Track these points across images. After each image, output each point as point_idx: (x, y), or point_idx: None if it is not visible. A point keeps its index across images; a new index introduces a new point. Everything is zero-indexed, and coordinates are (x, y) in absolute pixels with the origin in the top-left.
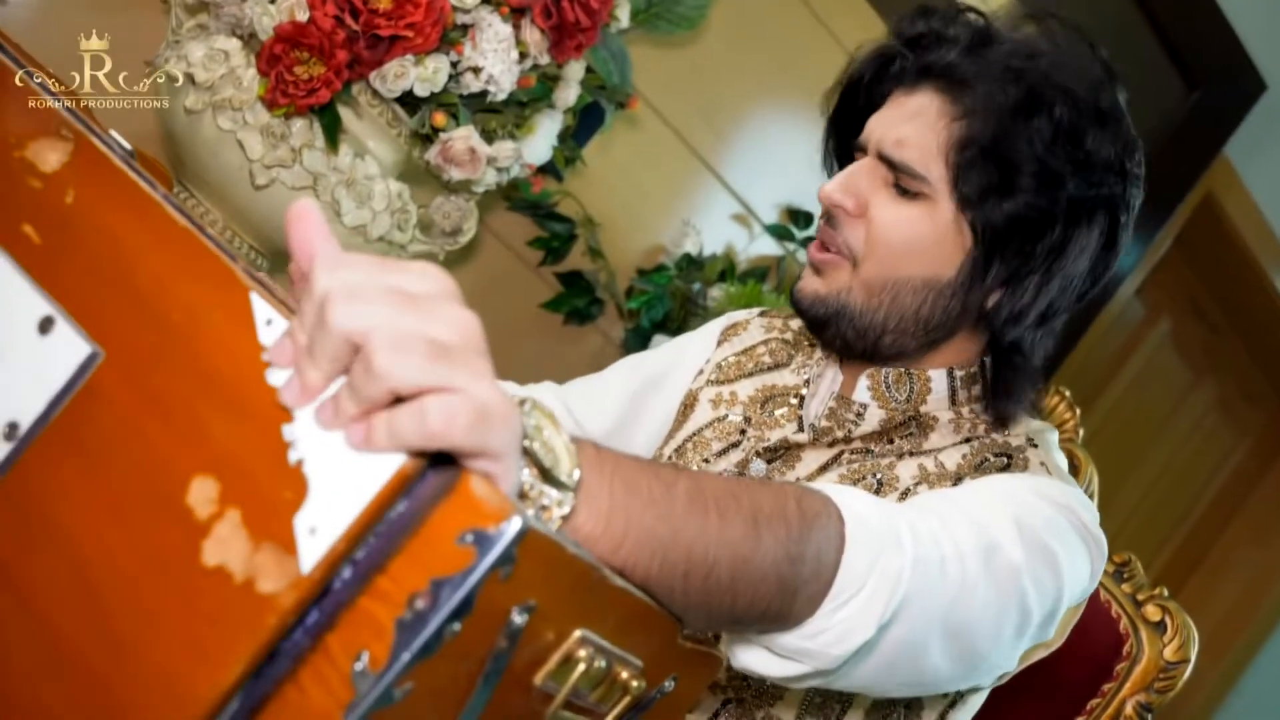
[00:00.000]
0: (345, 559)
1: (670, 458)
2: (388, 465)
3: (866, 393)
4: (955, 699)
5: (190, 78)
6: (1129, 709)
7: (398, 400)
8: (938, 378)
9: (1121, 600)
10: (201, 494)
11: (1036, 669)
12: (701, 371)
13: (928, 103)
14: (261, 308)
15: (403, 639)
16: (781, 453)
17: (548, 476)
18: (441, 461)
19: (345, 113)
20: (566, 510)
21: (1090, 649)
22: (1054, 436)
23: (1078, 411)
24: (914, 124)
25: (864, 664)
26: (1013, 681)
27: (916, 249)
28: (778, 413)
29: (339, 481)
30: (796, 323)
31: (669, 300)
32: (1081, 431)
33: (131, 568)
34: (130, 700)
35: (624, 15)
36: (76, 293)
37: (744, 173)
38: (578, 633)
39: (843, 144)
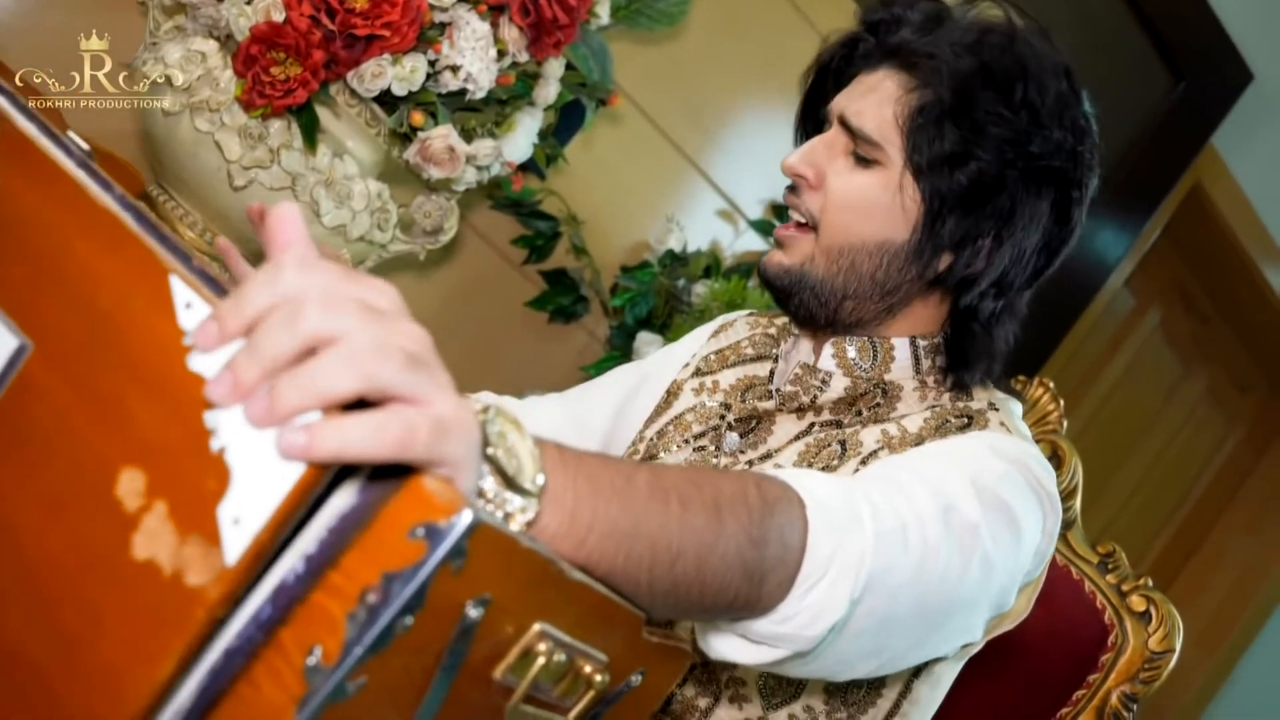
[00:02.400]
0: (270, 550)
1: (651, 439)
2: None
3: (831, 360)
4: (920, 668)
5: (168, 80)
6: (1114, 699)
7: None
8: (901, 345)
9: (1106, 591)
10: (130, 486)
11: (1020, 658)
12: (688, 364)
13: (886, 78)
14: (181, 291)
15: (355, 633)
16: (754, 424)
17: (511, 484)
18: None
19: (323, 113)
20: (530, 515)
21: (1075, 640)
22: (1017, 407)
23: (1061, 403)
24: (873, 96)
25: (839, 641)
26: (998, 669)
27: (869, 213)
28: (754, 401)
29: (260, 470)
30: (782, 320)
31: (653, 297)
32: (1066, 423)
33: (69, 563)
34: (73, 697)
35: (604, 12)
36: (3, 283)
37: (729, 169)
38: (537, 626)
39: (811, 126)
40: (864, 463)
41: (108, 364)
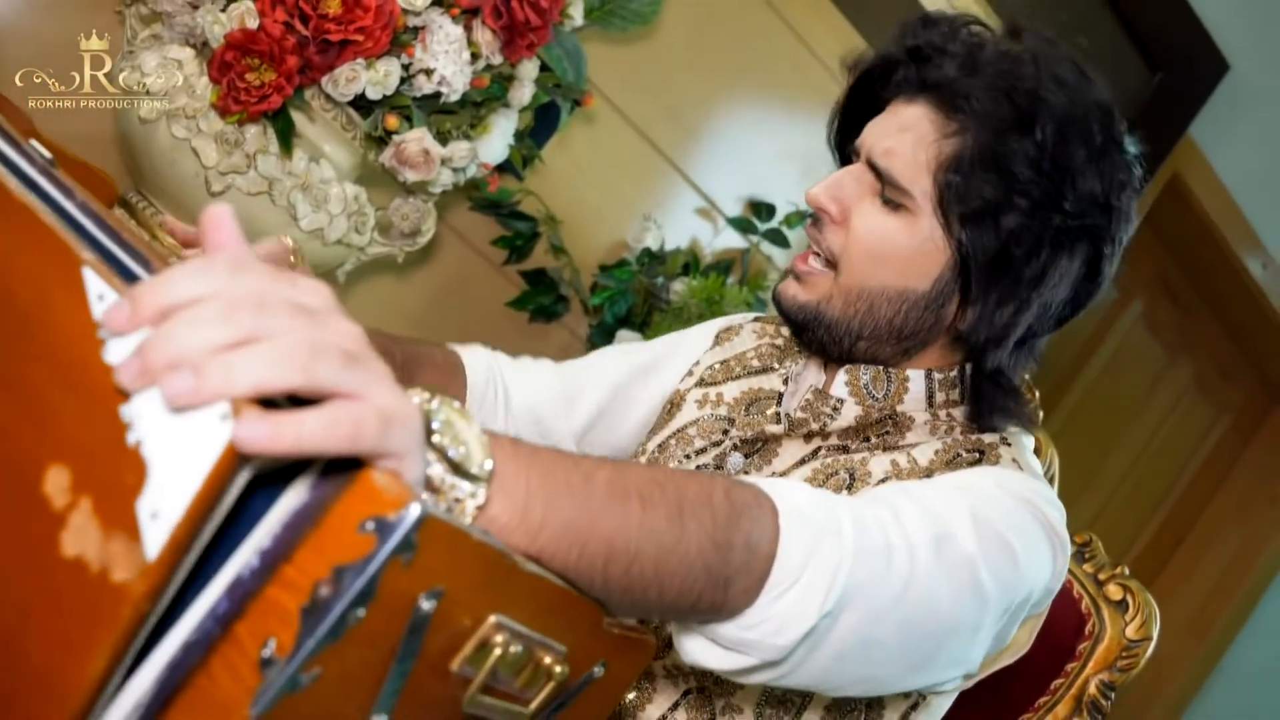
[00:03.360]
0: (188, 543)
1: (654, 453)
2: (217, 442)
3: (844, 388)
4: (917, 700)
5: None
6: (1092, 688)
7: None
8: (916, 378)
9: (1083, 580)
10: (56, 483)
11: None
12: (691, 372)
13: (921, 116)
14: (94, 282)
15: (308, 625)
16: (759, 446)
17: (459, 469)
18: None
19: (299, 117)
20: (481, 500)
21: (1052, 630)
22: (1030, 441)
23: (1037, 394)
24: (905, 136)
25: (814, 657)
26: None
27: (893, 259)
28: (759, 416)
29: (175, 463)
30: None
31: (632, 295)
32: (1041, 413)
33: (3, 561)
34: (14, 695)
35: (578, 13)
36: None
37: (707, 167)
38: (493, 618)
39: (845, 141)
40: None
41: (30, 359)
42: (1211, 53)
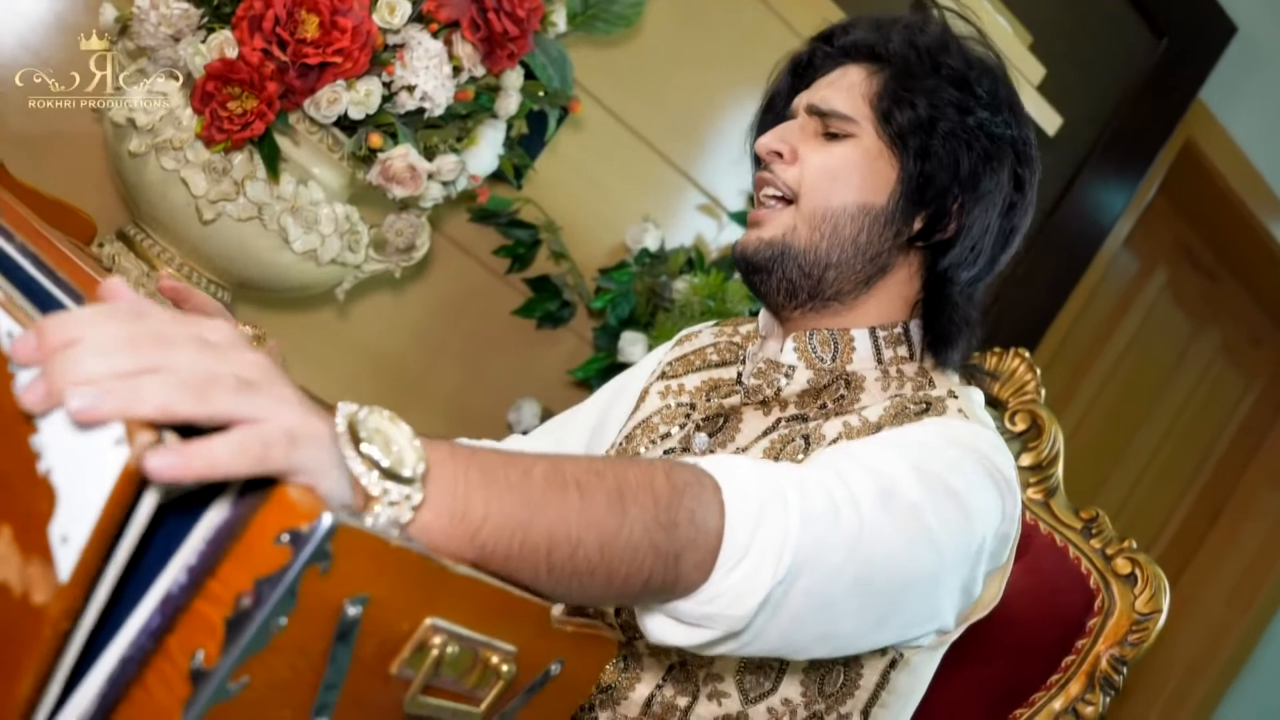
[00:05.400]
0: (96, 563)
1: (620, 444)
2: (113, 467)
3: (793, 354)
4: (895, 658)
5: (132, 122)
6: (1104, 663)
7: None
8: (860, 336)
9: (1090, 556)
10: None
11: (1009, 629)
12: (654, 371)
13: (846, 71)
14: (2, 320)
15: (232, 636)
16: (721, 424)
17: (390, 474)
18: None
19: (284, 142)
20: (416, 501)
21: (1062, 607)
22: (978, 394)
23: (1038, 372)
24: (837, 84)
25: (774, 622)
26: (986, 642)
27: (849, 178)
28: (719, 401)
29: (79, 488)
30: (746, 327)
31: (635, 296)
32: (1044, 391)
33: None
34: None
35: (560, 20)
36: None
37: (705, 163)
38: (428, 621)
39: (772, 120)
40: None
41: None
42: (1218, 16)
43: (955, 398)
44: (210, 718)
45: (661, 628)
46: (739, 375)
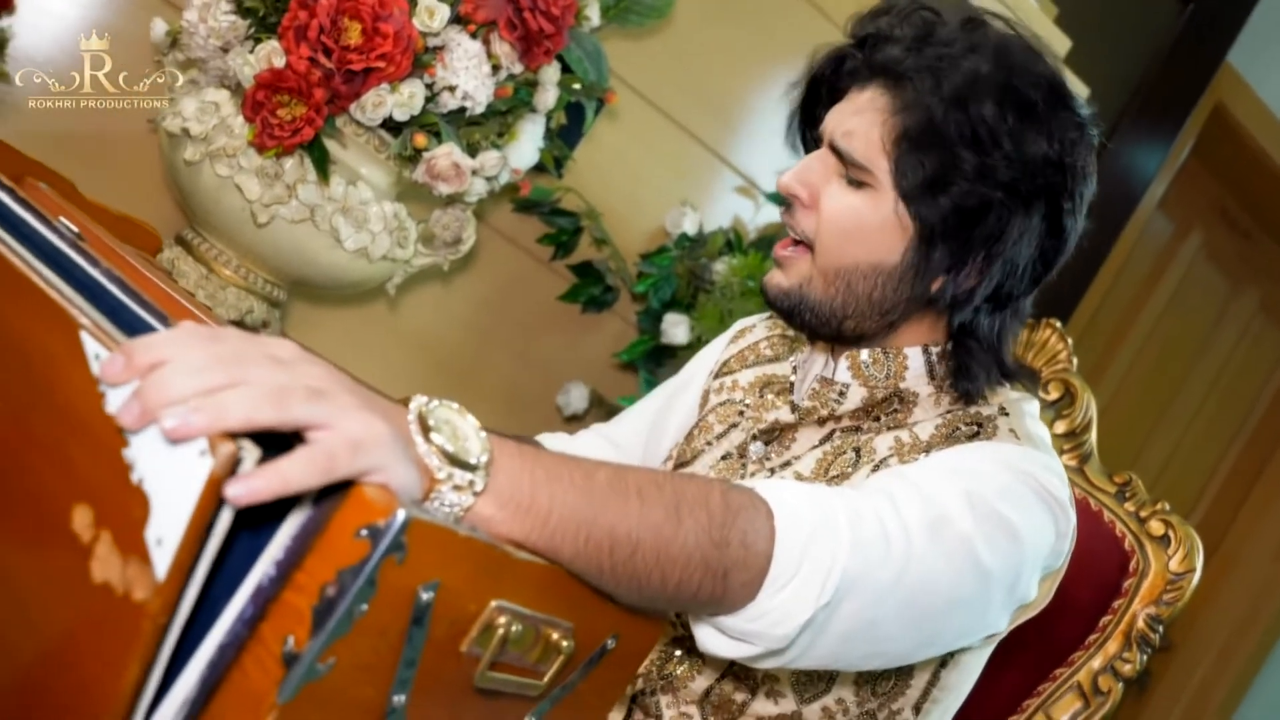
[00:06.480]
0: (190, 561)
1: (681, 444)
2: (199, 475)
3: (847, 373)
4: (946, 659)
5: (186, 131)
6: (1140, 622)
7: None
8: (913, 355)
9: (1125, 519)
10: (82, 520)
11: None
12: (713, 371)
13: (874, 97)
14: (90, 344)
15: (319, 622)
16: (776, 434)
17: (456, 460)
18: None
19: (332, 145)
20: (480, 487)
21: (1098, 569)
22: (1031, 406)
23: (1069, 341)
24: (861, 117)
25: (819, 642)
26: None
27: (862, 236)
28: (771, 397)
29: (169, 495)
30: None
31: (675, 279)
32: (1076, 360)
33: (45, 591)
34: (68, 704)
35: (594, 14)
36: None
37: (741, 146)
38: (493, 603)
39: (807, 133)
40: (876, 469)
41: (49, 414)
42: None
43: (1007, 415)
44: (302, 696)
45: (709, 638)
46: (791, 385)
